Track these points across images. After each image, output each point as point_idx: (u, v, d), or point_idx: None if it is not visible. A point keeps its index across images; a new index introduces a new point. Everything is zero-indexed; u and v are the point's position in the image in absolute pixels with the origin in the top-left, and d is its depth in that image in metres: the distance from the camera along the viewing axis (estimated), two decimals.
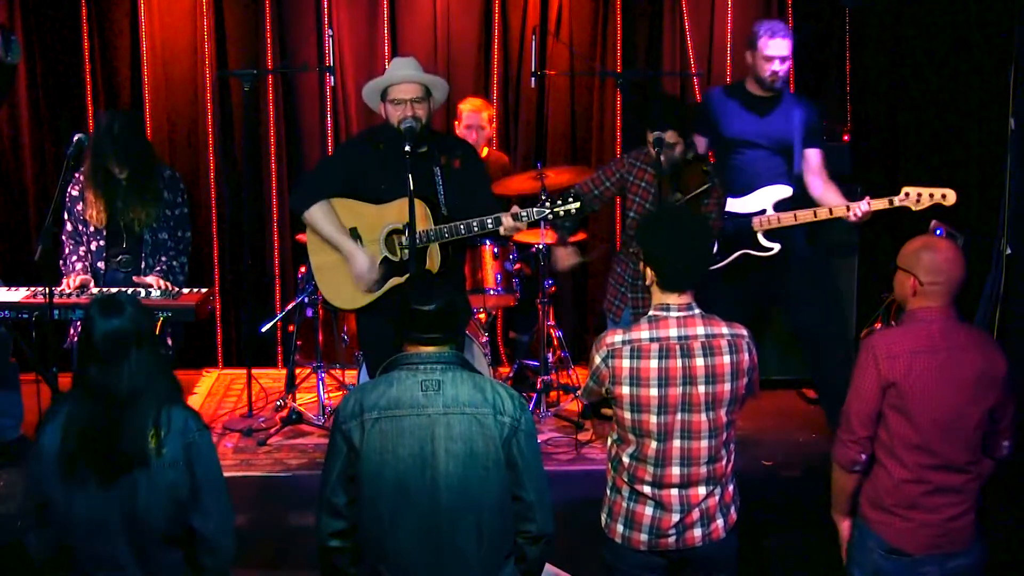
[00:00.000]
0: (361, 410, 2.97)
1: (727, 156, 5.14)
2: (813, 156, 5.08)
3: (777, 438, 5.51)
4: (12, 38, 5.25)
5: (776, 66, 4.98)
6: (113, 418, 2.90)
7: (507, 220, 4.32)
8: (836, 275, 5.31)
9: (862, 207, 4.82)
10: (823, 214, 4.91)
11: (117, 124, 4.95)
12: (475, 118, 5.98)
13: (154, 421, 2.93)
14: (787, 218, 4.95)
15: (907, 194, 4.78)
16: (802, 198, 5.05)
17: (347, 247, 4.51)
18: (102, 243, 4.99)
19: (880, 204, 4.81)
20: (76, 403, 2.95)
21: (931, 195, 4.76)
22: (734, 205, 5.05)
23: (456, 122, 6.05)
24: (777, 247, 5.02)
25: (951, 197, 4.76)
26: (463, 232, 4.37)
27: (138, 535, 2.93)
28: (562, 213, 4.32)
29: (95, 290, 4.80)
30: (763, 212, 5.00)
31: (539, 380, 5.73)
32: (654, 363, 3.19)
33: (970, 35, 5.90)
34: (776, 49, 4.96)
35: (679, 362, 3.19)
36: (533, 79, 6.10)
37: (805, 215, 4.93)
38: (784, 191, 5.01)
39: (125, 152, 4.88)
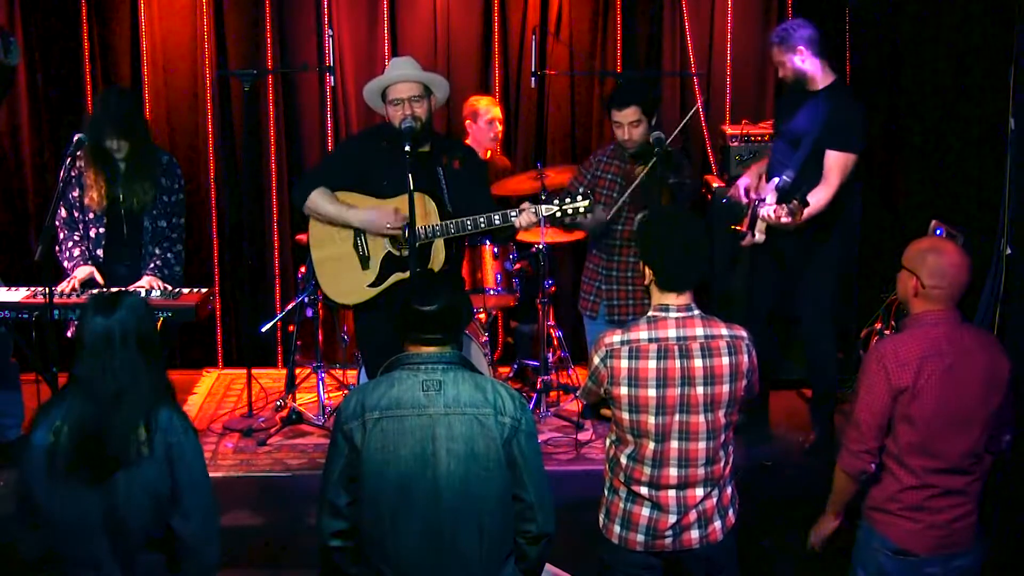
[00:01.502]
0: (362, 410, 2.97)
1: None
2: (825, 157, 5.03)
3: (777, 438, 5.52)
4: (11, 39, 5.24)
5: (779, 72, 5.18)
6: (100, 417, 2.89)
7: (521, 215, 4.32)
8: (836, 277, 5.37)
9: (764, 212, 4.86)
10: (760, 210, 4.96)
11: (115, 97, 4.92)
12: (493, 112, 5.98)
13: (144, 421, 2.91)
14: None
15: (792, 210, 4.78)
16: (798, 189, 5.04)
17: (354, 215, 4.47)
18: (102, 230, 4.96)
19: (780, 213, 4.79)
20: (69, 401, 2.95)
21: (790, 210, 4.76)
22: (762, 189, 5.13)
23: (468, 120, 6.02)
24: (760, 238, 4.99)
25: (798, 217, 4.74)
26: (470, 228, 4.37)
27: (119, 536, 2.91)
28: (570, 211, 4.33)
29: (96, 291, 4.78)
30: (763, 200, 5.01)
31: (539, 380, 5.73)
32: (652, 364, 3.18)
33: (970, 35, 5.89)
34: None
35: (677, 363, 3.19)
36: (533, 79, 6.11)
37: (768, 211, 4.95)
38: (775, 182, 5.07)
39: (123, 125, 4.81)
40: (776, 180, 5.05)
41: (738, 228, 5.08)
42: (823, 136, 4.98)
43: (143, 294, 4.76)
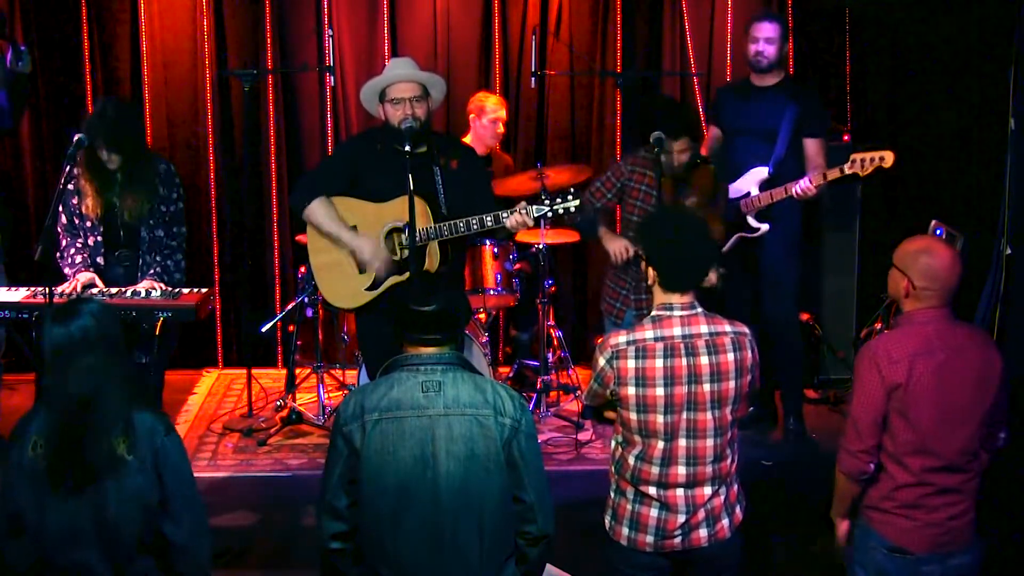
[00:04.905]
0: (362, 412, 2.97)
1: (726, 146, 5.36)
2: (806, 145, 5.22)
3: (777, 438, 5.52)
4: (22, 48, 5.25)
5: (760, 46, 5.26)
6: (72, 427, 2.87)
7: (511, 216, 4.32)
8: (799, 264, 5.47)
9: (802, 185, 4.97)
10: (778, 195, 5.07)
11: (110, 108, 4.87)
12: (499, 111, 5.98)
13: (121, 428, 2.89)
14: (765, 198, 5.11)
15: (853, 161, 4.89)
16: (779, 179, 5.14)
17: (349, 238, 4.49)
18: (99, 238, 4.95)
19: (833, 174, 4.94)
20: (42, 412, 2.94)
21: (872, 159, 4.86)
22: (735, 188, 5.21)
23: (472, 116, 6.01)
24: (766, 227, 5.18)
25: (889, 159, 4.85)
26: (462, 230, 4.37)
27: (111, 544, 2.90)
28: (561, 211, 4.33)
29: (96, 290, 4.77)
30: (748, 195, 5.14)
31: (539, 380, 5.73)
32: (659, 363, 3.18)
33: (970, 35, 5.90)
34: (758, 31, 5.28)
35: (684, 361, 3.18)
36: (533, 79, 6.11)
37: (778, 193, 5.07)
38: (761, 172, 5.15)
39: (116, 137, 4.75)
40: (759, 170, 5.14)
41: (744, 234, 5.14)
42: (799, 126, 5.15)
43: (143, 293, 4.75)
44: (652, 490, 3.23)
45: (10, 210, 6.18)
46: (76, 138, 4.61)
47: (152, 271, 4.91)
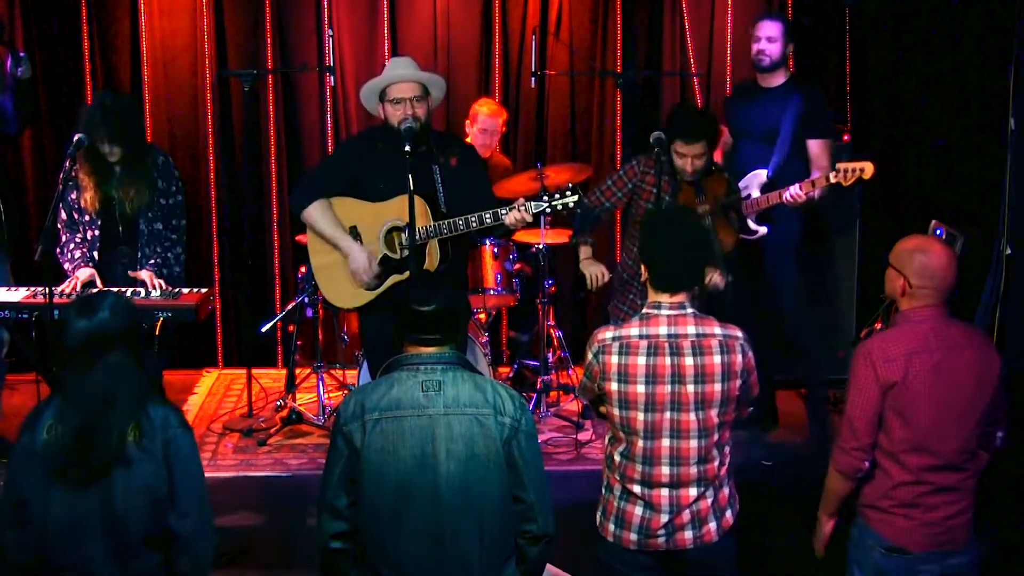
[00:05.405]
0: (362, 411, 2.97)
1: (732, 148, 5.37)
2: (810, 147, 5.22)
3: (777, 438, 5.52)
4: (21, 55, 5.25)
5: (762, 45, 5.28)
6: (87, 422, 2.87)
7: (508, 213, 4.32)
8: (800, 266, 5.45)
9: (792, 191, 4.97)
10: (773, 199, 5.06)
11: (108, 99, 4.87)
12: (492, 122, 5.97)
13: (132, 423, 2.89)
14: (763, 201, 5.10)
15: (837, 171, 4.89)
16: (780, 181, 5.13)
17: (344, 244, 4.52)
18: (97, 233, 4.95)
19: (821, 182, 4.94)
20: (57, 405, 2.94)
21: (852, 170, 4.84)
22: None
23: (468, 121, 6.03)
24: (764, 230, 5.18)
25: (868, 171, 4.84)
26: (462, 228, 4.38)
27: (116, 537, 2.90)
28: (560, 207, 4.33)
29: (95, 290, 4.77)
30: (748, 197, 5.14)
31: (539, 380, 5.73)
32: (642, 360, 3.19)
33: (970, 35, 5.89)
34: (760, 29, 5.30)
35: (667, 360, 3.18)
36: (533, 79, 6.11)
37: (773, 197, 5.06)
38: (761, 174, 5.16)
39: (117, 128, 4.76)
40: (759, 173, 5.16)
41: (743, 236, 5.14)
42: (802, 127, 5.15)
43: (142, 293, 4.75)
44: (637, 488, 3.24)
45: (14, 211, 6.18)
46: (76, 138, 4.62)
47: (151, 262, 4.91)
